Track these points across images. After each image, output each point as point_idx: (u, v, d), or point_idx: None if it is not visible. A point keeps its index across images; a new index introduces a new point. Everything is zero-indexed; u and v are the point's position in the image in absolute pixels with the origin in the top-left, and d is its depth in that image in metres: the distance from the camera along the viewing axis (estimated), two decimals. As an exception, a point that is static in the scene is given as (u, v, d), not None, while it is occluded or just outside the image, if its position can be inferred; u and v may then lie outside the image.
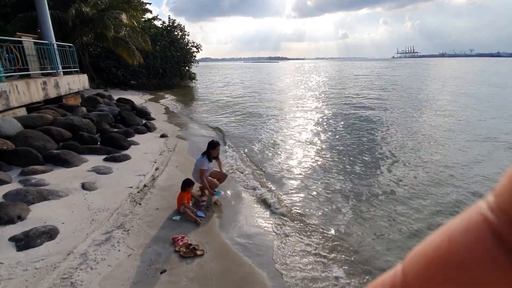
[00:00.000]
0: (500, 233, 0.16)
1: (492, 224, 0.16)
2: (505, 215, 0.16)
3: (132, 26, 16.79)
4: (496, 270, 0.15)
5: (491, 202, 0.17)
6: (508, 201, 0.16)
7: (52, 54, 9.10)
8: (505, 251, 0.15)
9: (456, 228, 0.17)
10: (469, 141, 7.73)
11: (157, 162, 5.88)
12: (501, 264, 0.15)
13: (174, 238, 3.40)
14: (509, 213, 0.16)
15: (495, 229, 0.16)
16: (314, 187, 5.14)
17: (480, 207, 0.17)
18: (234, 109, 13.46)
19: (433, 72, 41.29)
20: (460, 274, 0.16)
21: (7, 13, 14.91)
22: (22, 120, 6.12)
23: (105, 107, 9.52)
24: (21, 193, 3.97)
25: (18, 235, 3.20)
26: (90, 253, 3.08)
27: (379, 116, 11.16)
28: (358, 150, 7.20)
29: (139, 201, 4.26)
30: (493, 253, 0.16)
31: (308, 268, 3.12)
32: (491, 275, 0.15)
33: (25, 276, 2.71)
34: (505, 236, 0.15)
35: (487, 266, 0.15)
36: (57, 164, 5.28)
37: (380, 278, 0.20)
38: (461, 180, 5.33)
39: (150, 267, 2.95)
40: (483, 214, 0.17)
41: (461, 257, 0.16)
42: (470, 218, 0.17)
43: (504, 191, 0.16)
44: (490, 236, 0.16)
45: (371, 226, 3.94)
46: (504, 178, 0.16)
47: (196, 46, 24.71)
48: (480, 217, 0.17)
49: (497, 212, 0.16)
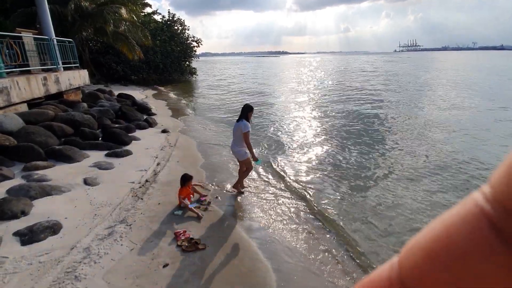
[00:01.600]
0: (496, 224, 0.16)
1: (488, 215, 0.16)
2: (501, 206, 0.16)
3: (131, 20, 16.66)
4: (493, 261, 0.15)
5: (487, 193, 0.17)
6: (504, 191, 0.16)
7: (52, 49, 9.06)
8: (502, 241, 0.15)
9: (452, 219, 0.17)
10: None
11: (158, 157, 5.90)
12: (499, 255, 0.15)
13: (176, 232, 3.42)
14: (505, 204, 0.16)
15: (491, 220, 0.16)
16: (320, 180, 5.15)
17: (476, 198, 0.17)
18: (234, 105, 13.43)
19: (446, 66, 39.89)
20: (457, 265, 0.16)
21: (6, 9, 14.81)
22: (24, 116, 6.13)
23: (106, 103, 9.51)
24: (24, 189, 4.00)
25: (22, 230, 3.24)
26: (93, 247, 3.11)
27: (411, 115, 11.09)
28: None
29: (141, 196, 4.28)
30: (490, 244, 0.16)
31: (311, 264, 3.14)
32: (489, 266, 0.15)
33: (30, 270, 2.74)
34: (501, 226, 0.15)
35: (484, 257, 0.16)
36: (59, 160, 5.30)
37: (376, 271, 0.20)
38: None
39: (153, 261, 2.98)
40: (479, 205, 0.17)
41: (458, 249, 0.16)
42: (466, 209, 0.17)
43: (500, 181, 0.16)
44: (486, 227, 0.16)
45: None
46: (500, 169, 0.16)
47: (196, 40, 24.55)
48: (477, 208, 0.17)
49: (493, 203, 0.16)
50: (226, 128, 8.95)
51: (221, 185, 4.88)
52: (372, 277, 0.20)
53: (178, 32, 23.28)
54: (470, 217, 0.17)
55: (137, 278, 2.75)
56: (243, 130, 4.10)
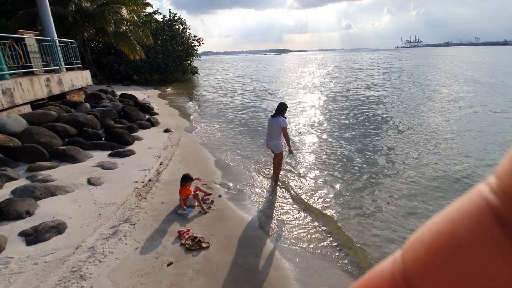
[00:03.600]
0: (503, 216, 0.15)
1: (494, 208, 0.16)
2: (507, 198, 0.15)
3: (132, 20, 16.68)
4: (499, 255, 0.15)
5: (493, 184, 0.16)
6: (511, 183, 0.15)
7: (54, 50, 9.11)
8: (509, 234, 0.15)
9: (457, 212, 0.17)
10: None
11: (161, 157, 5.92)
12: (504, 247, 0.15)
13: (180, 231, 3.44)
14: (511, 196, 0.15)
15: (497, 212, 0.15)
16: (324, 178, 5.14)
17: (481, 190, 0.17)
18: (239, 102, 13.43)
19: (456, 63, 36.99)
20: (462, 259, 0.16)
21: (7, 10, 14.90)
22: (27, 117, 6.17)
23: (109, 103, 9.55)
24: (28, 189, 4.03)
25: (27, 230, 3.27)
26: (98, 246, 3.13)
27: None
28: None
29: (144, 195, 4.30)
30: (496, 237, 0.15)
31: (313, 260, 3.14)
32: (494, 259, 0.15)
33: (35, 270, 2.77)
34: (507, 219, 0.15)
35: (490, 251, 0.15)
36: (63, 160, 5.34)
37: (378, 266, 0.20)
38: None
39: (157, 260, 3.00)
40: (485, 197, 0.16)
41: (463, 242, 0.16)
42: (471, 201, 0.17)
43: (507, 172, 0.16)
44: (492, 220, 0.15)
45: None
46: (506, 159, 0.16)
47: (197, 39, 24.53)
48: (482, 201, 0.16)
49: (499, 195, 0.16)
50: (228, 126, 8.97)
51: (224, 183, 4.89)
52: (375, 271, 0.20)
53: (179, 32, 23.27)
54: (475, 210, 0.16)
55: (142, 277, 2.77)
56: (281, 125, 4.49)
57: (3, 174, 4.41)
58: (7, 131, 5.44)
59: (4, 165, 4.72)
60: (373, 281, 0.20)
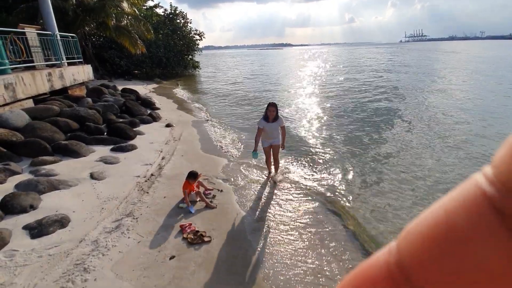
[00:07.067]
0: (499, 206, 0.15)
1: (491, 197, 0.15)
2: (504, 187, 0.15)
3: (134, 14, 16.56)
4: (495, 245, 0.15)
5: (489, 174, 0.16)
6: (508, 173, 0.15)
7: (55, 45, 9.08)
8: (505, 225, 0.15)
9: (453, 202, 0.17)
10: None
11: (163, 152, 5.94)
12: (501, 238, 0.15)
13: (182, 225, 3.47)
14: (508, 185, 0.15)
15: (494, 202, 0.15)
16: (326, 171, 5.15)
17: (477, 179, 0.16)
18: (240, 97, 13.38)
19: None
20: (458, 250, 0.16)
21: (9, 5, 14.83)
22: (30, 112, 6.19)
23: (110, 98, 9.55)
24: (32, 183, 4.07)
25: (32, 224, 3.31)
26: (101, 240, 3.17)
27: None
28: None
29: (146, 189, 4.33)
30: (493, 227, 0.15)
31: (315, 257, 3.16)
32: (491, 249, 0.15)
33: (40, 262, 2.81)
34: (504, 209, 0.15)
35: (486, 241, 0.15)
36: (66, 155, 5.37)
37: (373, 256, 0.20)
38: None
39: (160, 253, 3.03)
40: (481, 187, 0.16)
41: (459, 232, 0.16)
42: (467, 191, 0.17)
43: (503, 161, 0.15)
44: (489, 210, 0.15)
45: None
46: (503, 149, 0.16)
47: (199, 34, 24.32)
48: (478, 190, 0.16)
49: (496, 184, 0.15)
50: (230, 120, 8.97)
51: (225, 178, 4.90)
52: (370, 262, 0.20)
53: (181, 26, 23.07)
54: (471, 200, 0.16)
55: (145, 270, 2.80)
56: (282, 124, 4.69)
57: (7, 168, 4.44)
58: (10, 126, 5.46)
59: (8, 160, 4.75)
60: (369, 271, 0.20)
